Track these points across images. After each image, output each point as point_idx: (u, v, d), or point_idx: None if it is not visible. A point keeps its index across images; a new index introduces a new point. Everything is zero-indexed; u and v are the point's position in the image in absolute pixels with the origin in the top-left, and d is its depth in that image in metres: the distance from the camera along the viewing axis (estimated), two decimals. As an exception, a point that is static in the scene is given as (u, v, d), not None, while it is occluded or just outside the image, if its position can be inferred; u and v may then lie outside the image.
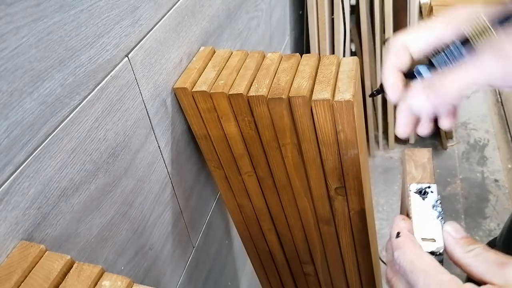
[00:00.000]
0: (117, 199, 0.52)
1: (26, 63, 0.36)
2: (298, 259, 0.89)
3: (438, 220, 0.37)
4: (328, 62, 0.61)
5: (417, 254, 0.33)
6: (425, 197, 0.39)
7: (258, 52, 0.65)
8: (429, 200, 0.38)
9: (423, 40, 0.36)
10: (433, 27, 0.35)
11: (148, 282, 0.63)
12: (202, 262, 0.83)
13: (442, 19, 0.35)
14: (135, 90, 0.52)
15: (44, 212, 0.41)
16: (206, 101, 0.60)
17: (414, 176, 0.41)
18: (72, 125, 0.43)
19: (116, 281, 0.36)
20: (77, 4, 0.41)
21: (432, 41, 0.35)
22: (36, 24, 0.36)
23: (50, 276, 0.36)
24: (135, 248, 0.58)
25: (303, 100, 0.56)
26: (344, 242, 0.77)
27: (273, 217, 0.79)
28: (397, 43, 0.36)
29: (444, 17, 0.35)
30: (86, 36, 0.42)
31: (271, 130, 0.61)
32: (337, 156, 0.61)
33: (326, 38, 1.43)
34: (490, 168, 1.75)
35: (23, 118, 0.37)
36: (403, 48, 0.36)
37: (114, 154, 0.50)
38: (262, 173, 0.70)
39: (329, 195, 0.69)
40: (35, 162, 0.39)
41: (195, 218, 0.77)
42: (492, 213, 1.58)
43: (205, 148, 0.69)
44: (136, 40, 0.51)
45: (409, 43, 0.36)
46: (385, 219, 1.61)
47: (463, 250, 0.33)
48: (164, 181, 0.63)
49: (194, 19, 0.64)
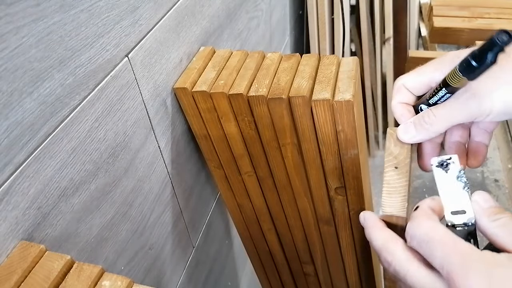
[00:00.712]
0: (117, 199, 0.52)
1: (26, 63, 0.36)
2: (298, 259, 0.89)
3: (465, 191, 0.37)
4: (328, 62, 0.61)
5: (432, 225, 0.33)
6: (448, 169, 0.38)
7: (258, 52, 0.65)
8: (452, 171, 0.38)
9: (417, 81, 0.43)
10: (424, 71, 0.42)
11: (148, 282, 0.63)
12: (202, 262, 0.83)
13: (433, 64, 0.42)
14: (135, 90, 0.52)
15: (44, 212, 0.41)
16: (206, 101, 0.60)
17: (392, 151, 0.44)
18: (72, 125, 0.43)
19: (116, 281, 0.36)
20: (77, 4, 0.41)
21: (424, 83, 0.42)
22: (36, 24, 0.36)
23: (50, 276, 0.36)
24: (135, 248, 0.58)
25: (303, 100, 0.56)
26: (344, 242, 0.77)
27: (273, 217, 0.80)
28: (398, 83, 0.44)
29: (435, 62, 0.42)
30: (86, 36, 0.42)
31: (271, 130, 0.61)
32: (337, 156, 0.61)
33: (326, 38, 1.43)
34: (490, 168, 1.75)
35: (23, 118, 0.37)
36: (402, 87, 0.44)
37: (114, 154, 0.50)
38: (262, 173, 0.70)
39: (329, 195, 0.69)
40: (35, 162, 0.39)
41: (195, 218, 0.77)
42: (492, 213, 1.58)
43: (205, 148, 0.69)
44: (136, 40, 0.51)
45: (406, 84, 0.44)
46: (385, 219, 1.61)
47: (490, 219, 0.33)
48: (164, 181, 0.63)
49: (194, 19, 0.64)
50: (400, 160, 0.42)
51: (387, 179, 0.41)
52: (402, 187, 0.40)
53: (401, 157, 0.43)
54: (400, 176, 0.41)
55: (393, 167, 0.42)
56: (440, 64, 0.41)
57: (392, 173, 0.42)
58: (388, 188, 0.40)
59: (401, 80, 0.44)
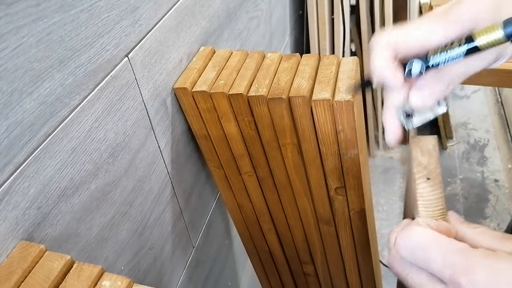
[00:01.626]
0: (117, 199, 0.52)
1: (26, 63, 0.36)
2: (298, 259, 0.89)
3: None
4: (328, 62, 0.61)
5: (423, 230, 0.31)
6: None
7: (258, 52, 0.65)
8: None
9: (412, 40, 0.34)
10: (431, 30, 0.34)
11: (148, 282, 0.63)
12: (202, 262, 0.83)
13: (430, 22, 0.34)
14: (135, 90, 0.52)
15: (44, 212, 0.41)
16: (206, 101, 0.60)
17: (420, 161, 0.41)
18: (72, 125, 0.43)
19: (116, 281, 0.36)
20: (77, 4, 0.41)
21: (429, 45, 0.34)
22: (36, 24, 0.36)
23: (50, 276, 0.36)
24: (135, 248, 0.58)
25: (303, 100, 0.56)
26: (344, 242, 0.77)
27: (273, 217, 0.80)
28: (384, 39, 0.35)
29: (442, 17, 0.34)
30: (86, 36, 0.42)
31: (271, 130, 0.61)
32: (337, 156, 0.61)
33: (326, 38, 1.43)
34: (490, 168, 1.75)
35: (23, 118, 0.37)
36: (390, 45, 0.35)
37: (114, 154, 0.50)
38: (262, 173, 0.70)
39: (329, 195, 0.69)
40: (35, 162, 0.39)
41: (195, 218, 0.77)
42: (492, 213, 1.58)
43: (205, 148, 0.69)
44: (136, 40, 0.51)
45: (398, 42, 0.34)
46: (385, 219, 1.61)
47: (469, 227, 0.33)
48: (164, 181, 0.63)
49: (194, 19, 0.64)
50: (431, 170, 0.40)
51: (421, 192, 0.38)
52: (437, 199, 0.37)
53: (432, 167, 0.40)
54: (433, 188, 0.39)
55: (425, 178, 0.39)
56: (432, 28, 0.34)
57: (424, 184, 0.39)
58: (423, 201, 0.37)
59: (388, 38, 0.35)
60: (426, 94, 0.35)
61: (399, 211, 1.63)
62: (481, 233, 0.32)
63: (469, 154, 1.82)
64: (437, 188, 0.38)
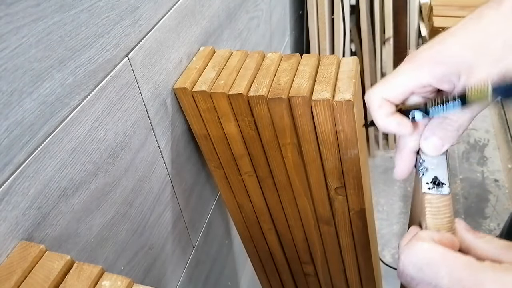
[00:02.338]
0: (117, 199, 0.52)
1: (26, 63, 0.36)
2: (298, 259, 0.89)
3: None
4: (328, 62, 0.61)
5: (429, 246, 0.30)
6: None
7: (258, 52, 0.65)
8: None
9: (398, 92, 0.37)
10: (402, 80, 0.36)
11: (148, 282, 0.63)
12: (202, 262, 0.83)
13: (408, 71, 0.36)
14: (135, 90, 0.52)
15: (44, 212, 0.41)
16: (206, 101, 0.60)
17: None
18: (72, 125, 0.43)
19: (116, 281, 0.36)
20: (77, 4, 0.41)
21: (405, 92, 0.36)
22: (36, 24, 0.36)
23: (50, 276, 0.36)
24: (135, 248, 0.58)
25: (303, 100, 0.56)
26: (344, 242, 0.77)
27: (273, 217, 0.80)
28: (377, 98, 0.37)
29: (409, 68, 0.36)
30: (86, 36, 0.42)
31: (271, 130, 0.61)
32: (337, 156, 0.61)
33: (326, 38, 1.44)
34: (490, 168, 1.75)
35: (23, 118, 0.37)
36: (384, 101, 0.37)
37: (114, 154, 0.50)
38: (262, 173, 0.70)
39: (329, 195, 0.69)
40: (35, 162, 0.39)
41: (195, 218, 0.77)
42: (492, 213, 1.58)
43: (205, 148, 0.69)
44: (136, 40, 0.51)
45: (389, 97, 0.37)
46: (385, 219, 1.61)
47: (475, 236, 0.32)
48: (164, 181, 0.63)
49: (194, 19, 0.64)
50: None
51: (429, 198, 0.37)
52: (445, 206, 0.37)
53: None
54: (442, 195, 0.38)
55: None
56: (418, 71, 0.36)
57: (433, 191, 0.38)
58: (431, 208, 0.37)
59: (380, 94, 0.37)
60: (437, 141, 0.37)
61: (399, 211, 1.63)
62: (487, 242, 0.32)
63: (469, 154, 1.82)
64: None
